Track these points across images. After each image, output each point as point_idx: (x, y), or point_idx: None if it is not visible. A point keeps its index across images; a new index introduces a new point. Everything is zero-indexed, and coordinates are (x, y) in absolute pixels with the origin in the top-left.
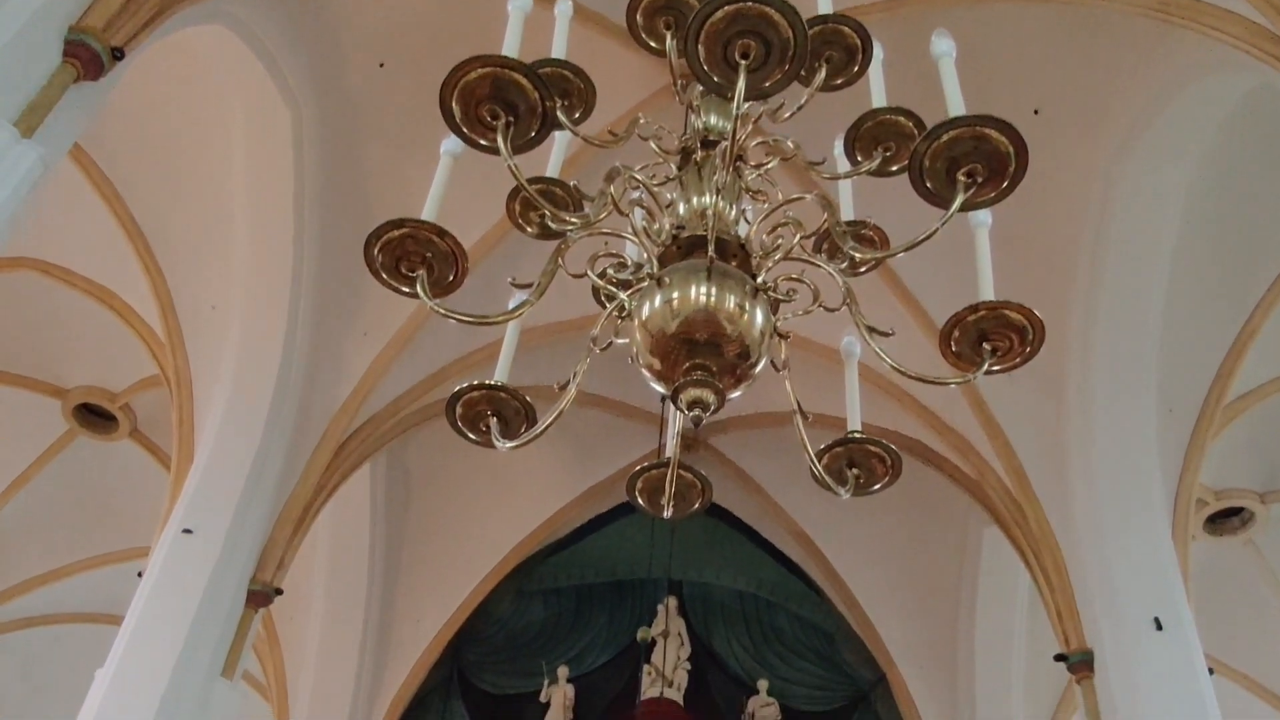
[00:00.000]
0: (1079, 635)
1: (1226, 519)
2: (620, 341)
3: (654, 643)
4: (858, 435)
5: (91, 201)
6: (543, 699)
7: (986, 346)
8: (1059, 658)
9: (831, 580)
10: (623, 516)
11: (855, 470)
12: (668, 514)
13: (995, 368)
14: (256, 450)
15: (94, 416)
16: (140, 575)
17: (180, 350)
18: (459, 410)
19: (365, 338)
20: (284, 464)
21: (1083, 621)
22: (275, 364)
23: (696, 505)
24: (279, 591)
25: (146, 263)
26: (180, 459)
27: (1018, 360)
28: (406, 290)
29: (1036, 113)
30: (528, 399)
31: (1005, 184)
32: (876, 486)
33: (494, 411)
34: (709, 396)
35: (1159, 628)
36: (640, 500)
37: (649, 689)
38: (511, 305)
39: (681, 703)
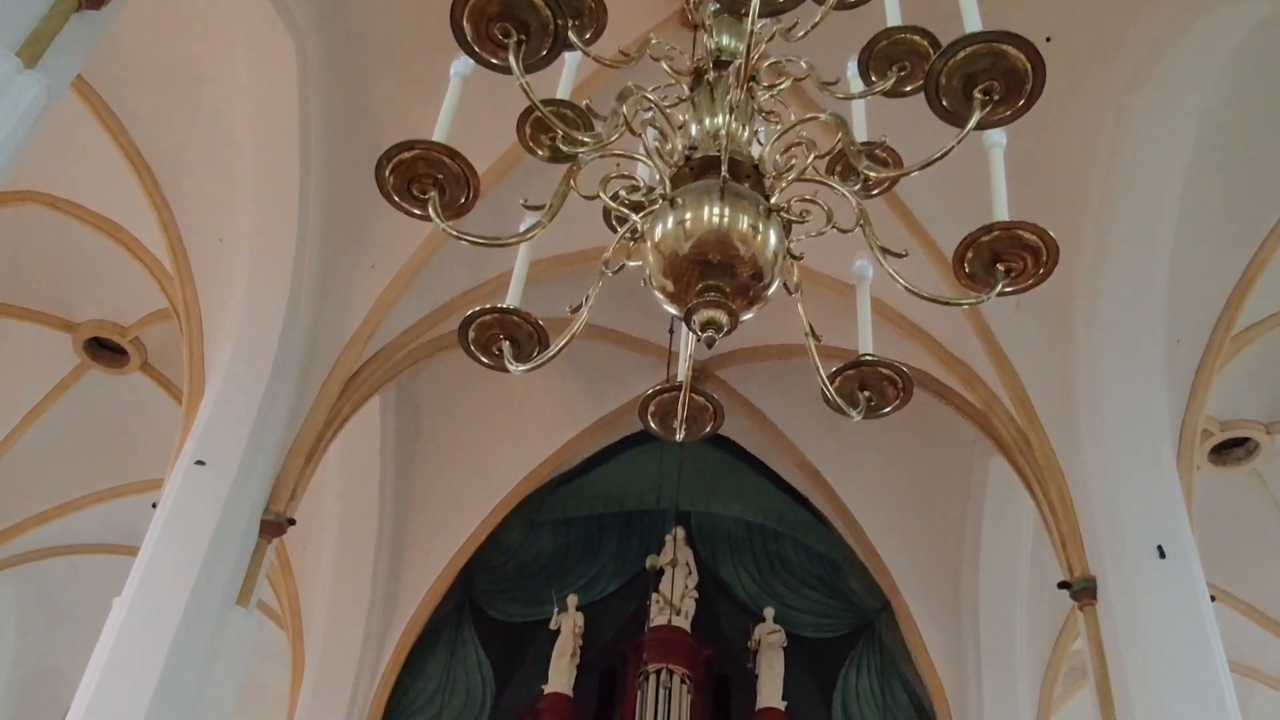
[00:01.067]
0: (1082, 563)
1: (1231, 449)
2: (633, 264)
3: (662, 572)
4: (870, 358)
5: (97, 135)
6: (553, 626)
7: (1000, 268)
8: (1062, 585)
9: (837, 510)
10: (631, 448)
11: (867, 393)
12: (680, 437)
13: (1008, 289)
14: (267, 382)
15: (105, 350)
16: (154, 506)
17: (189, 283)
18: (471, 334)
19: (373, 270)
20: (294, 396)
21: (1086, 550)
22: (284, 297)
23: (708, 428)
24: (292, 522)
25: (153, 196)
26: (191, 392)
27: (1030, 282)
28: (418, 213)
29: (1049, 40)
30: (540, 322)
31: (1022, 102)
32: (887, 409)
33: (506, 335)
34: (722, 318)
35: (1162, 556)
36: (652, 424)
37: (657, 617)
38: (523, 227)
39: (689, 630)
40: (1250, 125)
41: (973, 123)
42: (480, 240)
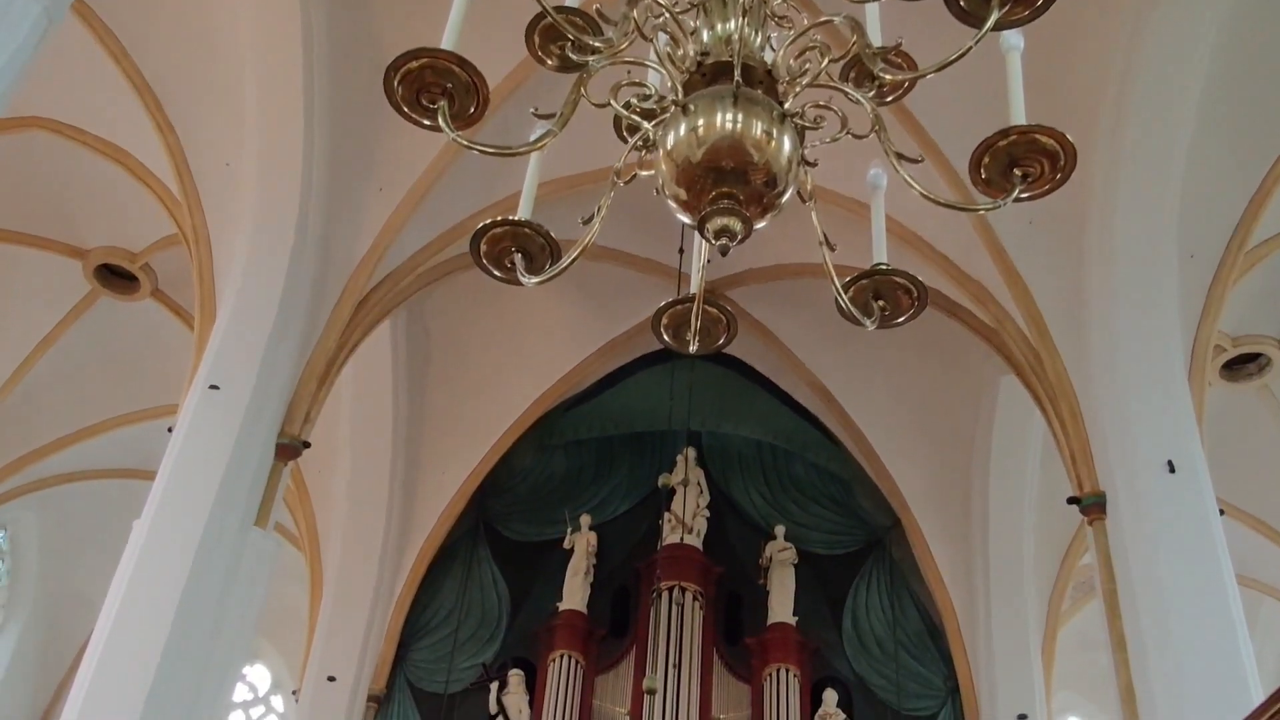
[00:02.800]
0: (1092, 478)
1: (1243, 365)
2: (645, 174)
3: (673, 491)
4: (884, 267)
5: (99, 59)
6: (566, 545)
7: (1017, 173)
8: (1072, 500)
9: (848, 429)
10: (642, 370)
11: (881, 302)
12: (693, 348)
13: (1025, 195)
14: (278, 307)
15: (115, 277)
16: (170, 431)
17: (197, 208)
18: (483, 247)
19: (381, 193)
20: (306, 320)
21: (1096, 465)
22: (292, 221)
23: (721, 340)
24: (306, 444)
25: (158, 120)
26: (203, 317)
27: (1047, 187)
28: (427, 123)
29: None
30: (551, 234)
31: (1040, 1)
32: (901, 319)
33: (518, 248)
34: (736, 225)
35: (1172, 471)
36: (665, 336)
37: (669, 535)
38: (533, 136)
39: (701, 548)
40: (1267, 41)
41: (991, 21)
42: (490, 149)
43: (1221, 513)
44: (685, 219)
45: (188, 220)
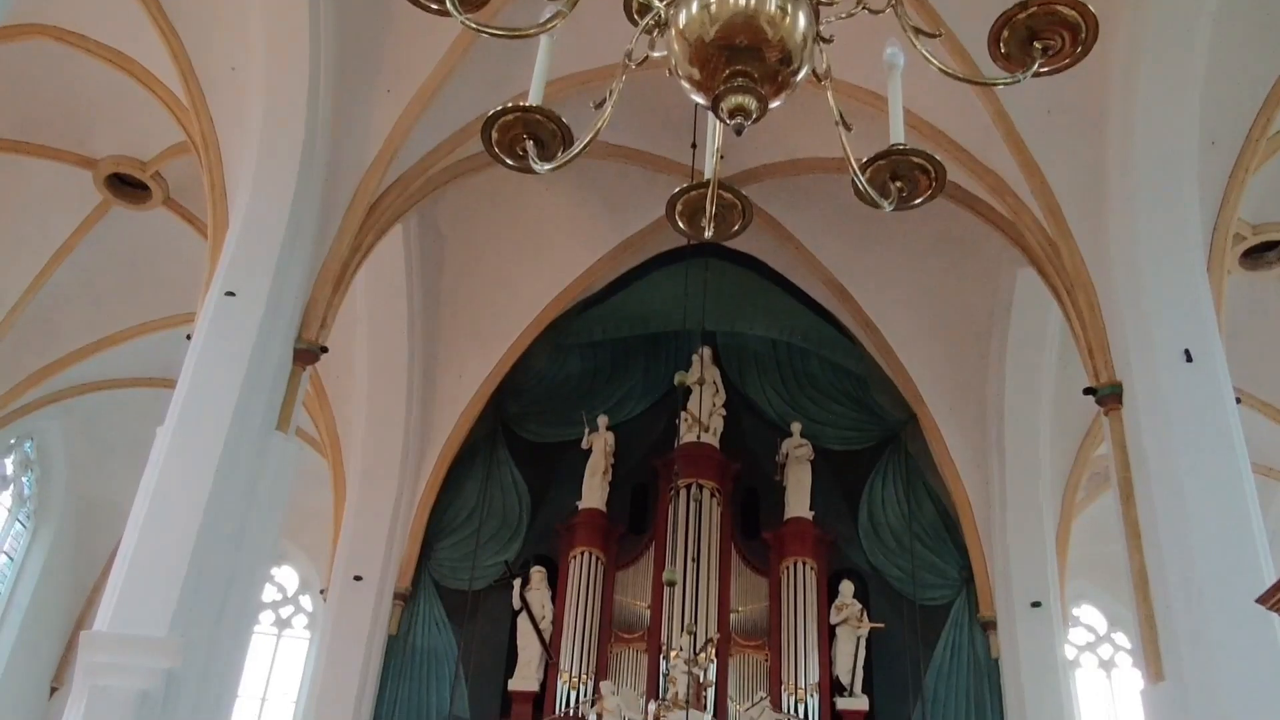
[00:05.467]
0: (1109, 369)
1: (1263, 253)
2: (657, 55)
3: (689, 391)
4: (901, 146)
5: None
6: (584, 446)
7: (1036, 46)
8: (1088, 391)
9: (863, 325)
10: (656, 270)
11: (898, 183)
12: (708, 234)
13: (1044, 69)
14: (289, 212)
15: (126, 186)
16: (189, 338)
17: (204, 114)
18: (494, 135)
19: (389, 95)
20: (318, 225)
21: (1113, 355)
22: (300, 125)
23: (737, 227)
24: (324, 349)
25: (161, 26)
26: (216, 224)
27: (1067, 61)
28: (435, 7)
29: None
30: (563, 119)
31: None
32: (919, 200)
33: (530, 135)
34: (751, 103)
35: (1189, 359)
36: (680, 223)
37: (686, 434)
38: (543, 18)
39: (718, 446)
40: None
41: None
42: (499, 31)
43: (1238, 401)
44: (699, 99)
45: (196, 127)
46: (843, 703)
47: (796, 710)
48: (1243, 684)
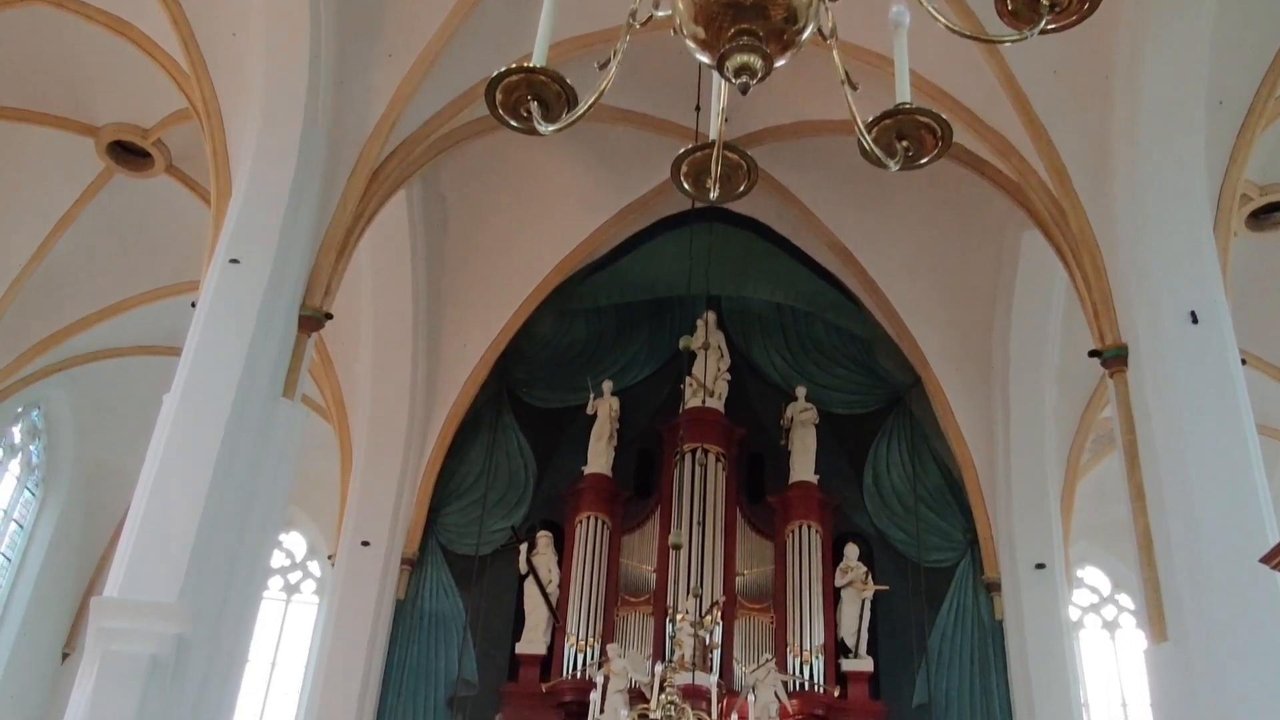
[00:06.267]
0: (1114, 331)
1: (1270, 214)
2: (661, 14)
3: (694, 356)
4: (907, 105)
5: None
6: (589, 411)
7: (1043, 2)
8: (1093, 353)
9: (869, 289)
10: (660, 234)
11: (904, 142)
12: (714, 196)
13: (1052, 26)
14: (293, 179)
15: (128, 154)
16: (194, 306)
17: (206, 80)
18: (498, 97)
19: (391, 59)
20: (321, 191)
21: (1119, 317)
22: (302, 90)
23: (742, 187)
24: (329, 316)
25: None
26: (219, 191)
27: (1075, 18)
28: None
29: None
30: (567, 80)
31: None
32: (925, 159)
33: (534, 96)
34: (756, 62)
35: (1195, 321)
36: (686, 185)
37: (691, 399)
38: None
39: (723, 411)
40: None
41: None
42: None
43: (1244, 363)
44: (704, 59)
45: (197, 93)
46: (847, 664)
47: (802, 672)
48: (1246, 643)
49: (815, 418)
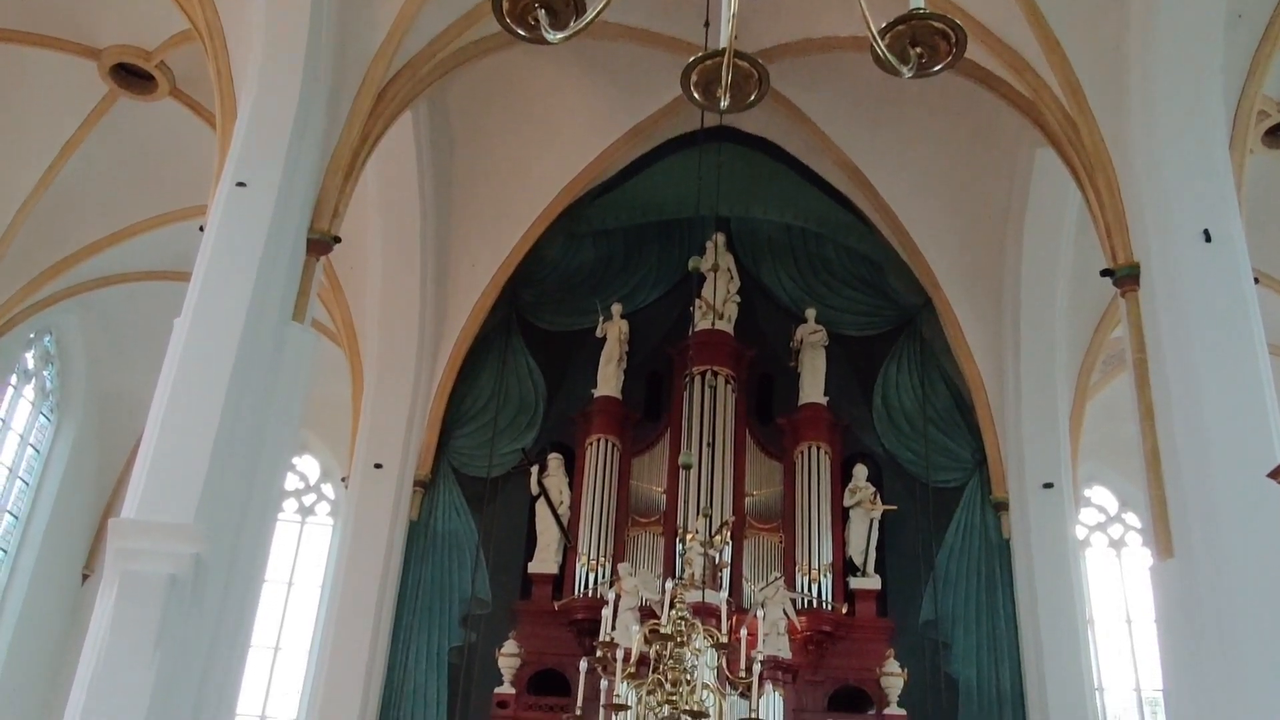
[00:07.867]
0: (1127, 249)
1: None
2: None
3: (703, 278)
4: (921, 10)
5: None
6: (599, 334)
7: None
8: (1105, 273)
9: (880, 210)
10: (669, 155)
11: (918, 49)
12: (724, 104)
13: None
14: (298, 100)
15: (132, 77)
16: (202, 230)
17: (208, 0)
18: (505, 5)
19: None
20: (327, 113)
21: (1132, 236)
22: (305, 9)
23: (753, 97)
24: (337, 239)
25: None
26: (224, 114)
27: None
28: None
29: None
30: None
31: None
32: (939, 66)
33: (541, 4)
34: None
35: (1208, 239)
36: (695, 94)
37: (700, 322)
38: None
39: (732, 333)
40: None
41: None
42: None
43: (1256, 281)
44: None
45: (200, 14)
46: (855, 582)
47: (810, 590)
48: (1252, 557)
49: (825, 339)
